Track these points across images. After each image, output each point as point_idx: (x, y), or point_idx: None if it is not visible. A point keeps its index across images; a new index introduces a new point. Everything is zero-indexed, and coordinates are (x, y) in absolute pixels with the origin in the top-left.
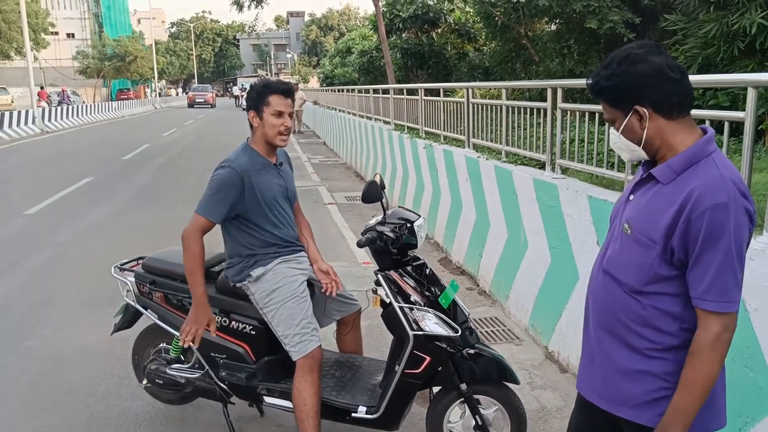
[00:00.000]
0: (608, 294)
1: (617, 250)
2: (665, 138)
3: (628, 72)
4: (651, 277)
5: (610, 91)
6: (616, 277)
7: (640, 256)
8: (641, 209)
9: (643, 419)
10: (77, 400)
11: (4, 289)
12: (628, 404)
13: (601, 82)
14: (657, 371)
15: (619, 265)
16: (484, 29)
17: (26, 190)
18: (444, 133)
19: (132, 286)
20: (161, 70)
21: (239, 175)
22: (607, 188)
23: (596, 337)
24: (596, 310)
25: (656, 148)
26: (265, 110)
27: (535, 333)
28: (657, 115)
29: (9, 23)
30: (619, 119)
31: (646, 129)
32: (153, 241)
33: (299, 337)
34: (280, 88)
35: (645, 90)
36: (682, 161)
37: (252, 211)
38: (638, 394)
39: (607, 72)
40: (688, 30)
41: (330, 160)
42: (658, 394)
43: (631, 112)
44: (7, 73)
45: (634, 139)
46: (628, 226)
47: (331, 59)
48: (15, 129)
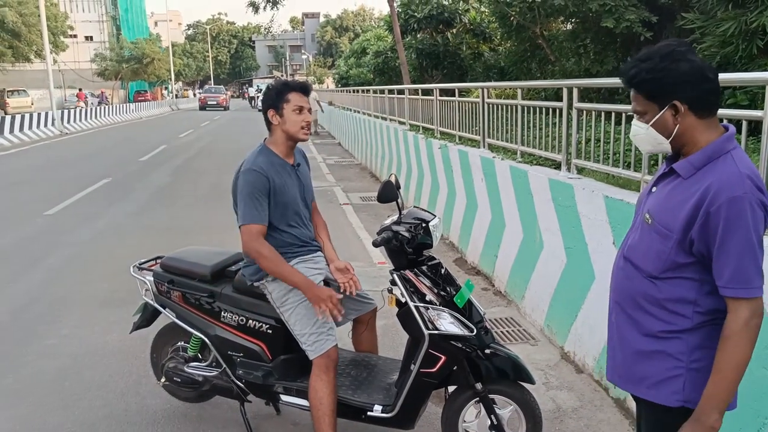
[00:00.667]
0: (628, 279)
1: (637, 239)
2: (693, 135)
3: (670, 68)
4: (668, 264)
5: (650, 83)
6: (635, 263)
7: (659, 244)
8: (661, 201)
9: (657, 398)
10: (97, 397)
11: (24, 288)
12: (644, 384)
13: (641, 74)
14: (671, 351)
15: (639, 253)
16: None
17: (46, 191)
18: (459, 134)
19: (150, 285)
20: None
21: (265, 175)
22: (624, 188)
23: (616, 321)
24: (616, 295)
25: (682, 143)
26: (286, 107)
27: (551, 333)
28: (690, 112)
29: (29, 26)
30: (652, 112)
31: (679, 124)
32: (170, 240)
33: (316, 336)
34: (298, 86)
35: (685, 87)
36: (702, 157)
37: (273, 213)
38: (653, 373)
39: (649, 65)
40: (706, 28)
41: (345, 160)
42: (672, 373)
43: (668, 106)
44: (26, 76)
45: (664, 133)
46: (648, 216)
47: (346, 60)
48: (35, 131)
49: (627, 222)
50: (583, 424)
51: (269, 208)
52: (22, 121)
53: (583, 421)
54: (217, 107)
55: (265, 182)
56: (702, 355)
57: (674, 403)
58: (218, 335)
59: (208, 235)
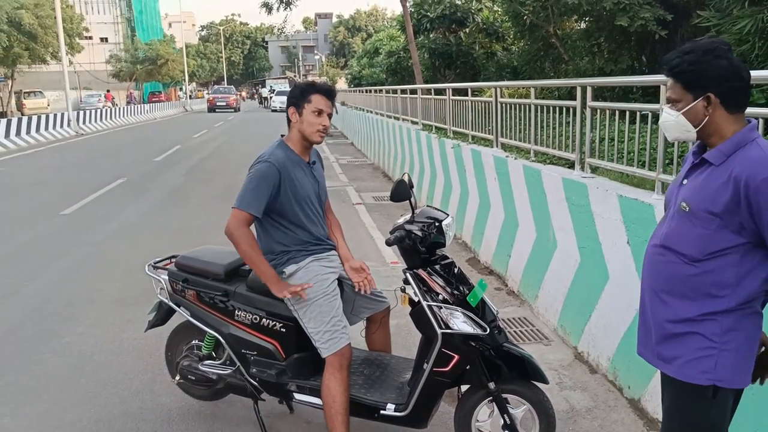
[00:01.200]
0: (666, 265)
1: (675, 226)
2: (720, 127)
3: (711, 63)
4: (710, 246)
5: (690, 74)
6: (675, 249)
7: (700, 228)
8: (697, 189)
9: (689, 376)
10: (112, 395)
11: (41, 286)
12: (676, 363)
13: (683, 65)
14: (705, 332)
15: (678, 239)
16: (513, 28)
17: (62, 191)
18: (472, 133)
19: (165, 283)
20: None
21: (277, 168)
22: (638, 187)
23: (651, 305)
24: (650, 281)
25: (708, 133)
26: (306, 107)
27: (564, 333)
28: (720, 105)
29: (45, 28)
30: (686, 101)
31: (709, 115)
32: (185, 240)
33: (329, 335)
34: (323, 89)
35: (720, 82)
36: (730, 146)
37: (286, 208)
38: (685, 353)
39: (692, 58)
40: (722, 26)
41: (358, 160)
42: (704, 353)
43: (701, 97)
44: (42, 77)
45: (694, 122)
46: (686, 205)
47: (359, 60)
48: (51, 131)
49: (641, 221)
50: (596, 424)
51: (280, 203)
52: (39, 122)
53: (597, 421)
54: (226, 109)
55: (276, 175)
56: (733, 337)
57: (705, 382)
58: (232, 333)
59: (221, 235)
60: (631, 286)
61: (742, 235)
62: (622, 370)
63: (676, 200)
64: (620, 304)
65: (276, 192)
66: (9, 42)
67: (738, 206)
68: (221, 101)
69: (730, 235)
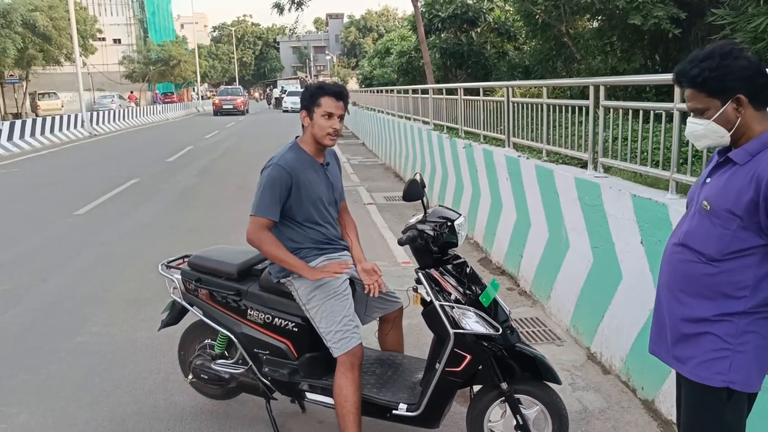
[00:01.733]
0: (684, 264)
1: (696, 225)
2: (750, 125)
3: (732, 65)
4: (730, 246)
5: (714, 81)
6: (694, 248)
7: (720, 228)
8: (720, 188)
9: (702, 377)
10: (126, 393)
11: (55, 286)
12: (690, 363)
13: (705, 72)
14: (720, 333)
15: (698, 238)
16: (524, 27)
17: (76, 191)
18: (484, 133)
19: (178, 283)
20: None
21: (287, 172)
22: (652, 187)
23: (667, 303)
24: (667, 279)
25: (740, 134)
26: (316, 111)
27: (577, 334)
28: (750, 104)
29: (59, 30)
30: (714, 108)
31: (741, 116)
32: (197, 240)
33: (341, 334)
34: (333, 91)
35: (746, 82)
36: (757, 145)
37: (298, 209)
38: (699, 353)
39: (711, 64)
40: (737, 24)
41: (369, 160)
42: (718, 354)
43: (731, 100)
44: (56, 79)
45: (726, 126)
46: (707, 203)
47: (370, 60)
48: (65, 132)
49: (655, 221)
50: (610, 425)
51: (291, 204)
52: (53, 123)
53: (610, 422)
54: (233, 112)
55: (287, 179)
56: (748, 339)
57: (718, 383)
58: (244, 333)
59: (234, 234)
60: (644, 287)
61: (762, 237)
62: (635, 370)
63: (698, 198)
64: (634, 304)
65: (288, 194)
66: (24, 44)
67: (758, 207)
68: (228, 103)
69: (750, 236)
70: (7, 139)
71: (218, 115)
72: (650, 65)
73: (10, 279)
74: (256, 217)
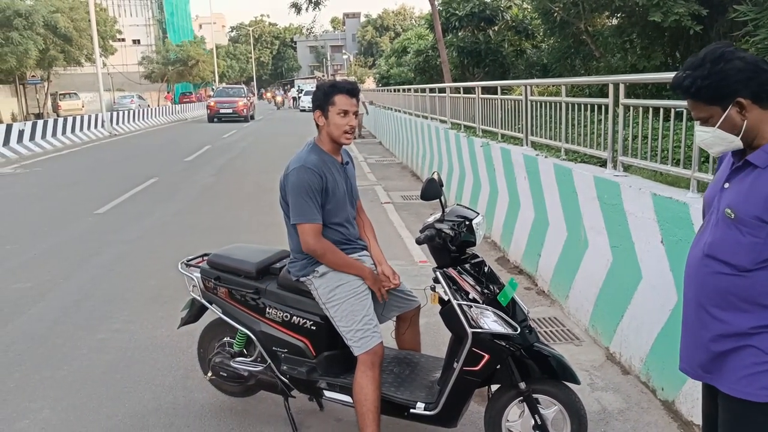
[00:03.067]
0: (714, 276)
1: (721, 235)
2: (761, 126)
3: (726, 69)
4: (762, 255)
5: (709, 89)
6: (723, 259)
7: (750, 237)
8: (744, 194)
9: (745, 393)
10: (146, 390)
11: (77, 284)
12: (731, 379)
13: (697, 82)
14: (760, 346)
15: (726, 248)
16: (542, 25)
17: (96, 190)
18: (501, 131)
19: (198, 281)
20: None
21: (317, 173)
22: (672, 185)
23: (698, 318)
24: (699, 294)
25: (753, 136)
26: (331, 110)
27: (596, 334)
28: (754, 105)
29: (80, 31)
30: (717, 115)
31: (746, 119)
32: (215, 239)
33: (362, 333)
34: (345, 88)
35: (744, 83)
36: None
37: (325, 210)
38: (740, 368)
39: (703, 72)
40: (760, 20)
41: (386, 159)
42: (760, 368)
43: (732, 105)
44: (77, 79)
45: (733, 131)
46: (731, 211)
47: (387, 59)
48: (86, 132)
49: (676, 220)
50: (629, 426)
51: (322, 205)
52: (74, 123)
53: (629, 423)
54: (233, 117)
55: (320, 180)
56: None
57: (764, 399)
58: (263, 331)
59: (252, 233)
60: (665, 286)
61: None
62: (655, 371)
63: (718, 206)
64: (654, 304)
65: (322, 196)
66: (45, 45)
67: None
68: (226, 107)
69: None
70: (29, 139)
71: (214, 121)
72: (671, 63)
73: (33, 277)
74: (307, 226)
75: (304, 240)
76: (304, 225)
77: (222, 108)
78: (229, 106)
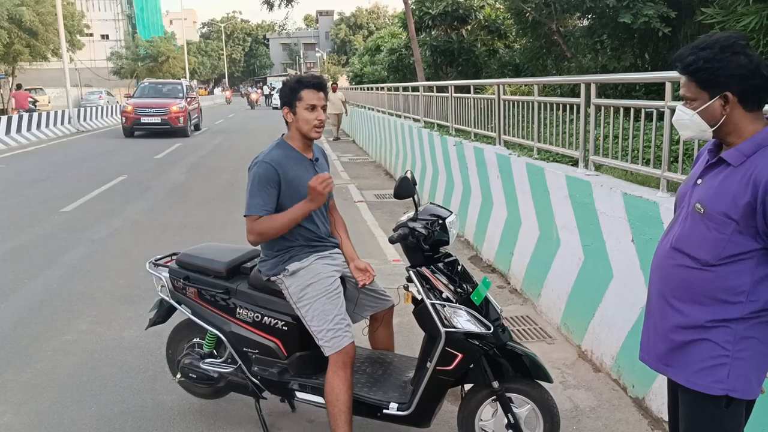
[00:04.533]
0: (678, 268)
1: (688, 229)
2: (738, 126)
3: (729, 60)
4: (726, 251)
5: (706, 72)
6: (688, 252)
7: (715, 232)
8: (714, 190)
9: (700, 386)
10: (113, 393)
11: (42, 284)
12: (687, 371)
13: (698, 62)
14: (717, 339)
15: (692, 242)
16: (515, 26)
17: (63, 188)
18: (474, 130)
19: (166, 281)
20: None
21: (274, 168)
22: (643, 185)
23: (659, 308)
24: (659, 285)
25: (726, 133)
26: (298, 105)
27: (568, 332)
28: (738, 104)
29: (46, 25)
30: (702, 100)
31: (726, 114)
32: (186, 237)
33: (333, 333)
34: (311, 83)
35: (738, 80)
36: (751, 146)
37: (286, 206)
38: (696, 361)
39: (708, 54)
40: (726, 23)
41: (359, 158)
42: (716, 362)
43: (718, 96)
44: (43, 74)
45: (710, 121)
46: (701, 206)
47: (360, 58)
48: (52, 128)
49: (646, 219)
50: (601, 423)
51: (282, 201)
52: (39, 119)
53: (601, 420)
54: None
55: (274, 175)
56: (747, 345)
57: (718, 392)
58: (233, 332)
59: (223, 232)
60: (635, 285)
61: (759, 241)
62: (626, 368)
63: (689, 201)
64: (625, 302)
65: (278, 190)
66: (9, 39)
67: (755, 210)
68: (150, 114)
69: (746, 240)
70: None
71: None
72: (640, 64)
73: None
74: (250, 217)
75: (248, 231)
76: (250, 217)
77: (143, 114)
78: (155, 113)
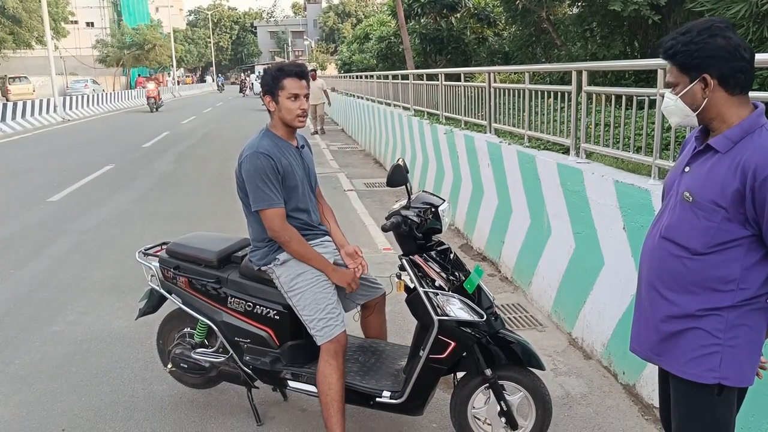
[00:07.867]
0: (667, 258)
1: (677, 218)
2: (721, 110)
3: (706, 42)
4: (715, 239)
5: (684, 56)
6: (677, 242)
7: (705, 221)
8: (703, 178)
9: (693, 375)
10: (103, 383)
11: (30, 275)
12: (679, 360)
13: (677, 46)
14: (708, 328)
15: (681, 231)
16: (505, 13)
17: (49, 178)
18: (465, 119)
19: (156, 271)
20: (179, 58)
21: (270, 157)
22: (634, 172)
23: (649, 298)
24: (649, 274)
25: (710, 117)
26: (281, 94)
27: (559, 319)
28: (720, 87)
29: (30, 12)
30: (683, 84)
31: (707, 98)
32: (175, 227)
33: (324, 322)
34: (293, 71)
35: (717, 62)
36: (738, 132)
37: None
38: (688, 350)
39: (687, 38)
40: (716, 11)
41: (348, 146)
42: (708, 350)
43: (698, 79)
44: (28, 62)
45: (692, 105)
46: (689, 194)
47: (349, 46)
48: (37, 117)
49: (638, 207)
50: (592, 410)
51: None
52: (24, 108)
53: (592, 407)
54: None
55: (274, 165)
56: (739, 333)
57: (710, 380)
58: (225, 321)
59: (212, 221)
60: (626, 272)
61: (747, 228)
62: (617, 355)
63: (678, 189)
64: (615, 290)
65: (279, 180)
66: None
67: (744, 197)
68: None
69: (735, 228)
70: None
71: None
72: (629, 52)
73: None
74: (270, 211)
75: (270, 226)
76: (266, 211)
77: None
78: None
